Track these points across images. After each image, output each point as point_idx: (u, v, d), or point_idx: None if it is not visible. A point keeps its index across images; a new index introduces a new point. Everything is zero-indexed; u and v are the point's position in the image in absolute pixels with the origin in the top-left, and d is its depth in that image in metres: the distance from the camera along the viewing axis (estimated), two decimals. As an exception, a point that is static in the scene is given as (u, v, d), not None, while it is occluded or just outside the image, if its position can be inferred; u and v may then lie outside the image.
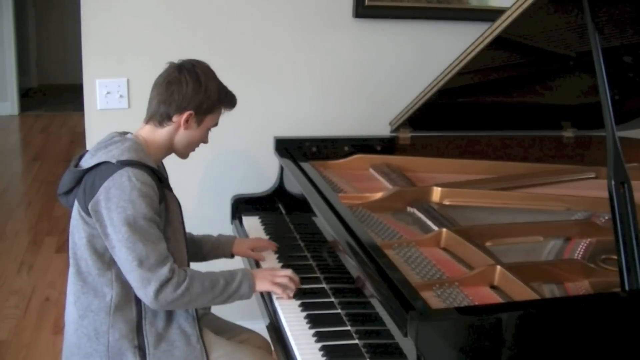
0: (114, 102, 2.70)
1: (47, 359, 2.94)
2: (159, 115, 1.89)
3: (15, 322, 3.23)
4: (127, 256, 1.73)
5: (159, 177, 1.86)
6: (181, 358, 1.83)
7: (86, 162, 1.83)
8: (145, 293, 1.74)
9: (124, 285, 1.80)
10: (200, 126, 1.91)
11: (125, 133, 1.93)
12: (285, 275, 1.91)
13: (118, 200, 1.73)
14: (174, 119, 1.88)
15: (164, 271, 1.73)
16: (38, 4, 8.48)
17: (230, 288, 1.83)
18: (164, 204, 1.84)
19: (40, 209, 4.74)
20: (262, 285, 1.89)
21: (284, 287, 1.89)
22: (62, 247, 4.02)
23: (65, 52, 8.35)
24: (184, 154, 1.97)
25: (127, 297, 1.81)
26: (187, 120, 1.88)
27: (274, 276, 1.91)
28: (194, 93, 1.86)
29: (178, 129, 1.89)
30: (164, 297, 1.74)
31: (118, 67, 2.69)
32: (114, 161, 1.77)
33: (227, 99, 1.95)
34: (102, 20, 2.64)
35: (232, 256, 2.21)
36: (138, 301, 1.82)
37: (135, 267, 1.72)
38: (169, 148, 1.93)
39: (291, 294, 1.89)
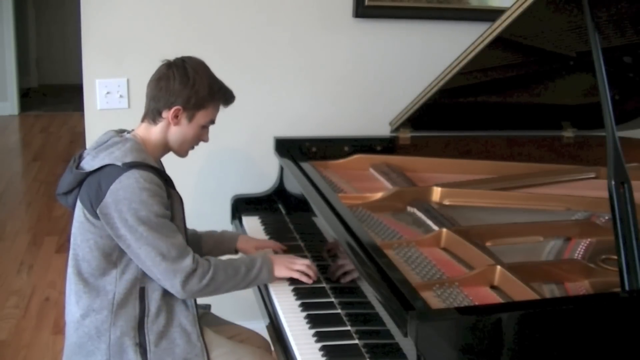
0: (114, 102, 2.70)
1: (47, 359, 2.95)
2: (151, 112, 1.90)
3: (15, 322, 3.23)
4: (148, 253, 1.75)
5: (163, 177, 1.86)
6: (182, 356, 1.84)
7: (88, 164, 1.83)
8: (172, 284, 1.77)
9: (128, 283, 1.81)
10: (192, 122, 1.90)
11: (122, 131, 1.93)
12: (303, 263, 1.96)
13: (129, 203, 1.74)
14: (164, 114, 1.88)
15: (187, 262, 1.77)
16: (38, 4, 8.49)
17: (251, 274, 1.88)
18: (169, 202, 1.85)
19: (40, 209, 4.74)
20: (280, 271, 1.94)
21: (300, 273, 1.94)
22: (62, 247, 4.02)
23: (65, 52, 8.35)
24: (180, 152, 1.97)
25: (130, 294, 1.82)
26: (176, 116, 1.87)
27: (292, 263, 1.96)
28: (181, 88, 1.86)
29: (169, 125, 1.89)
30: (190, 288, 1.78)
31: (118, 67, 2.69)
32: (119, 163, 1.78)
33: (219, 95, 1.93)
34: (102, 20, 2.65)
35: (236, 252, 2.21)
36: (141, 299, 1.83)
37: (159, 262, 1.75)
38: (165, 146, 1.93)
39: (310, 281, 1.93)
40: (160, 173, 1.85)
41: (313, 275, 1.94)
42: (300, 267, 1.95)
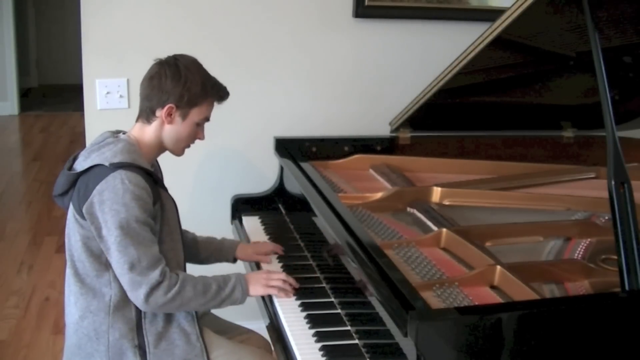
0: (114, 102, 2.70)
1: (47, 359, 2.95)
2: (144, 112, 1.89)
3: (15, 322, 3.23)
4: (118, 259, 1.73)
5: (154, 178, 1.85)
6: (181, 357, 1.84)
7: (80, 165, 1.83)
8: (136, 296, 1.74)
9: (122, 286, 1.80)
10: (186, 120, 1.88)
11: (118, 132, 1.92)
12: (279, 278, 1.91)
13: (111, 203, 1.73)
14: (157, 113, 1.87)
15: (155, 274, 1.73)
16: (38, 4, 8.49)
17: (223, 293, 1.83)
18: (159, 204, 1.83)
19: (40, 209, 4.74)
20: (255, 290, 1.89)
21: (278, 289, 1.89)
22: (62, 247, 3.97)
23: (65, 52, 8.34)
24: (175, 151, 1.95)
25: (126, 297, 1.80)
26: (169, 114, 1.86)
27: (268, 279, 1.91)
28: (173, 86, 1.84)
29: (163, 124, 1.88)
30: (154, 300, 1.74)
31: (118, 67, 2.69)
32: (106, 164, 1.77)
33: (213, 92, 1.90)
34: (102, 20, 2.65)
35: (234, 261, 2.19)
36: (137, 301, 1.82)
37: (126, 271, 1.72)
38: (160, 145, 1.92)
39: (289, 295, 1.89)
40: (150, 174, 1.83)
41: (290, 290, 1.90)
42: (276, 282, 1.90)
